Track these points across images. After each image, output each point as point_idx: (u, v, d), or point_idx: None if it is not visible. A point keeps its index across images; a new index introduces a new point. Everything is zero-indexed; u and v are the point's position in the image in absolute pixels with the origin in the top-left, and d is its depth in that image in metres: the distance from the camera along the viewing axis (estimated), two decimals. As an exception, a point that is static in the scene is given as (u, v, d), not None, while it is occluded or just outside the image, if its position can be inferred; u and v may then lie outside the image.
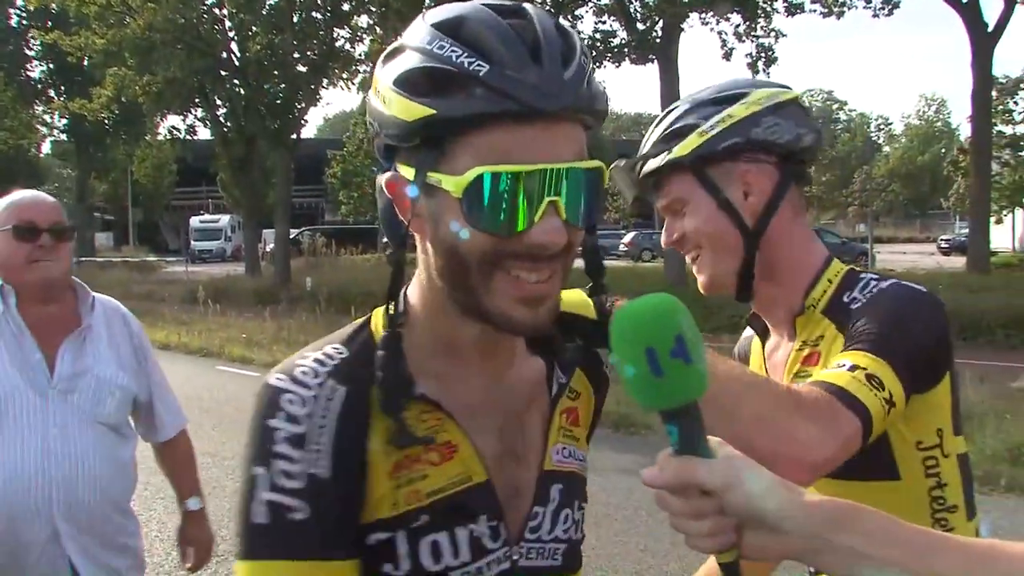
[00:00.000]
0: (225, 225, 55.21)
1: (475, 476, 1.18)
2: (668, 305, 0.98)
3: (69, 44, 29.89)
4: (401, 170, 1.12)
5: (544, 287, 1.09)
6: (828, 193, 67.32)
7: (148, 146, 53.33)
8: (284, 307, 22.19)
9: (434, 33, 1.07)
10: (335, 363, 1.16)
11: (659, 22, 22.71)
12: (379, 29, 26.17)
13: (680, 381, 0.97)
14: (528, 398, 1.27)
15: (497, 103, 1.02)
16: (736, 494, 0.98)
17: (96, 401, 2.73)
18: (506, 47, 1.04)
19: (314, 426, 1.10)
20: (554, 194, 1.05)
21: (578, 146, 1.08)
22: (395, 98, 1.07)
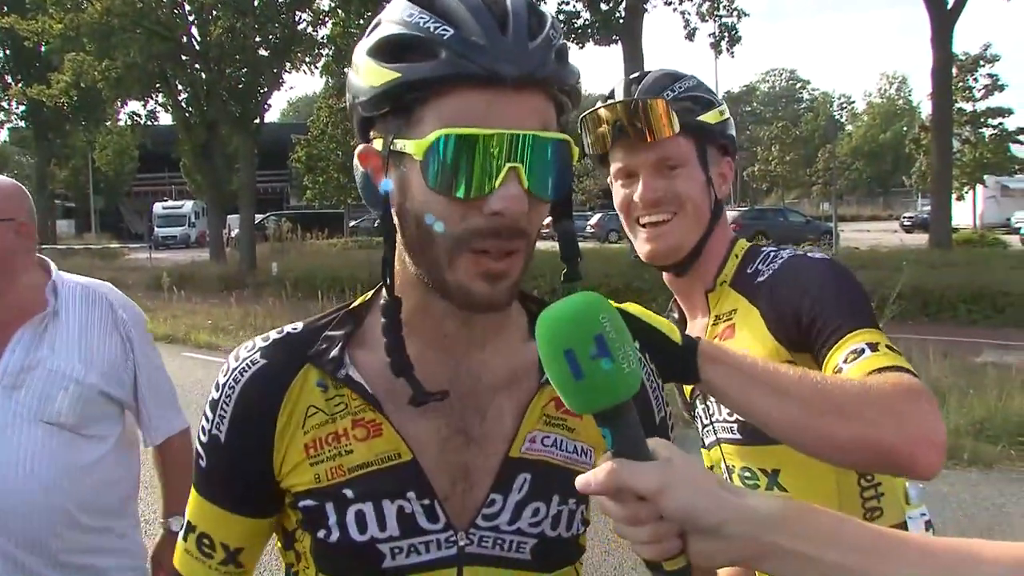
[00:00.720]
0: (189, 211, 54.74)
1: (403, 454, 1.19)
2: (588, 305, 0.96)
3: (26, 28, 29.35)
4: (375, 142, 1.15)
5: (504, 264, 1.10)
6: (792, 172, 67.67)
7: (109, 132, 52.65)
8: (250, 293, 22.08)
9: (408, 5, 1.10)
10: (278, 338, 1.25)
11: (622, 2, 22.69)
12: (341, 12, 25.94)
13: (603, 383, 0.94)
14: (504, 382, 1.24)
15: (459, 66, 1.04)
16: (671, 498, 0.94)
17: (44, 397, 2.39)
18: (474, 16, 1.06)
19: (223, 395, 1.22)
20: (516, 160, 1.05)
21: (544, 117, 1.09)
22: (366, 66, 1.11)
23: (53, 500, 2.35)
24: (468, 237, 1.08)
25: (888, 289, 12.27)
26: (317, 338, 1.24)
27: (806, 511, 0.97)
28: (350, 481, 1.17)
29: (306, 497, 1.19)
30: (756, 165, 71.71)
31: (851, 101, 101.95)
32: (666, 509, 0.95)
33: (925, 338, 11.59)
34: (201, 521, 1.27)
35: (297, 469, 1.20)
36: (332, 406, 1.20)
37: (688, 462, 0.98)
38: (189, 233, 53.39)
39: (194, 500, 1.28)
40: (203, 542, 1.27)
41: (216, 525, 1.26)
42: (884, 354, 1.54)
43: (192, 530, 1.28)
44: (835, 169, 41.24)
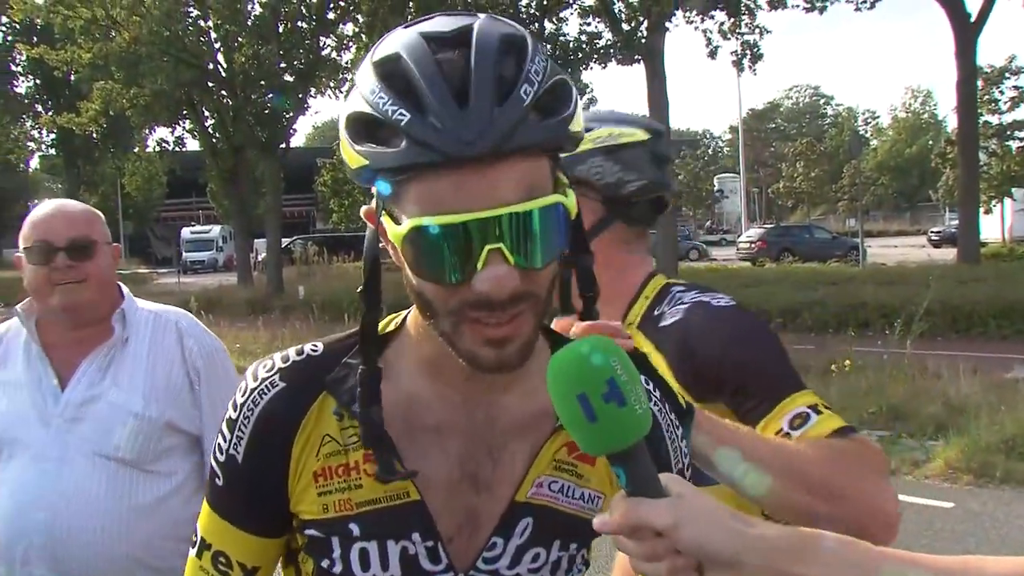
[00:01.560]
0: (216, 235, 55.06)
1: (411, 494, 1.19)
2: (599, 349, 0.97)
3: (55, 58, 29.81)
4: (372, 206, 1.13)
5: (507, 329, 1.05)
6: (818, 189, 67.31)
7: (137, 159, 53.19)
8: (277, 316, 22.13)
9: (372, 76, 1.05)
10: (298, 360, 1.23)
11: (644, 22, 22.72)
12: (364, 37, 26.14)
13: (616, 425, 0.96)
14: (520, 427, 1.23)
15: (418, 154, 0.99)
16: (686, 533, 0.97)
17: (103, 431, 2.32)
18: (431, 90, 1.00)
19: (242, 416, 1.21)
20: (494, 242, 1.00)
21: (525, 184, 1.02)
22: (344, 141, 1.08)
23: (112, 538, 2.28)
24: (463, 310, 1.05)
25: (916, 305, 12.18)
26: (336, 364, 1.21)
27: (819, 539, 1.00)
28: (357, 516, 1.17)
29: (312, 526, 1.19)
30: (781, 182, 71.35)
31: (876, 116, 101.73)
32: (681, 543, 0.97)
33: (954, 354, 11.51)
34: (216, 539, 1.26)
35: (306, 496, 1.20)
36: (346, 437, 1.19)
37: (700, 497, 1.01)
38: (217, 257, 53.66)
39: (209, 517, 1.27)
40: (219, 560, 1.25)
41: (233, 544, 1.25)
42: (828, 416, 1.64)
43: (207, 548, 1.26)
44: (861, 185, 40.97)
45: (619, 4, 23.91)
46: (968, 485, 7.50)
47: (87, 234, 2.41)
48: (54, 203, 2.52)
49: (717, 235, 63.91)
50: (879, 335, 13.63)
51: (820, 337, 14.98)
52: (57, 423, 2.32)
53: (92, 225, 2.46)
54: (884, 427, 9.11)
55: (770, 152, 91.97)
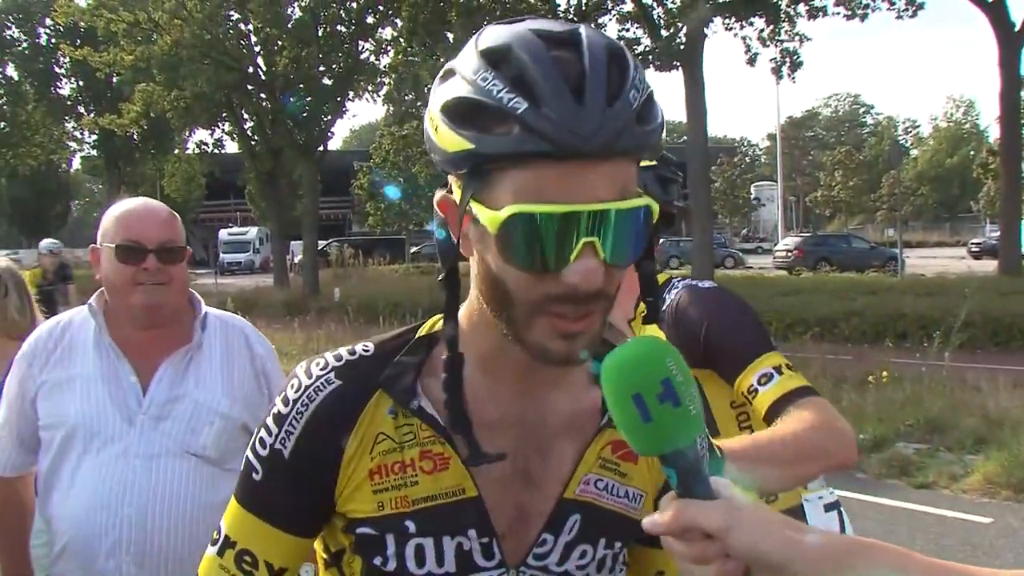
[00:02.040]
0: (253, 237, 55.53)
1: (468, 491, 1.19)
2: (654, 350, 0.98)
3: (98, 61, 30.20)
4: (454, 190, 1.13)
5: (582, 324, 1.08)
6: (856, 198, 66.80)
7: (177, 160, 53.76)
8: (313, 318, 22.25)
9: (480, 63, 1.06)
10: (351, 359, 1.23)
11: (683, 28, 22.65)
12: (403, 41, 26.25)
13: (671, 425, 0.96)
14: (567, 424, 1.24)
15: (532, 143, 1.00)
16: (738, 536, 0.96)
17: (190, 430, 2.38)
18: (548, 83, 1.01)
19: (293, 410, 1.21)
20: (590, 235, 1.02)
21: (620, 185, 1.04)
22: (441, 126, 1.08)
23: (196, 533, 2.30)
24: (544, 302, 1.06)
25: (955, 317, 12.04)
26: (389, 363, 1.22)
27: (870, 547, 0.98)
28: (414, 513, 1.18)
29: (365, 524, 1.19)
30: (819, 191, 70.88)
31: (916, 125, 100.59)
32: (732, 547, 0.96)
33: (994, 367, 11.34)
34: (243, 537, 1.24)
35: (359, 495, 1.19)
36: (401, 435, 1.20)
37: (753, 501, 1.00)
38: (254, 259, 54.11)
39: (237, 514, 1.25)
40: (244, 559, 1.23)
41: (261, 542, 1.23)
42: (788, 376, 2.02)
43: (231, 546, 1.24)
44: (900, 194, 40.60)
45: (658, 10, 23.87)
46: (1007, 500, 7.38)
47: (174, 238, 2.45)
48: (140, 202, 2.55)
49: (753, 243, 63.39)
50: (917, 347, 13.48)
51: (857, 348, 14.84)
52: (142, 420, 2.36)
53: (177, 228, 2.50)
54: (921, 440, 9.01)
55: (808, 160, 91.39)
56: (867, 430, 9.01)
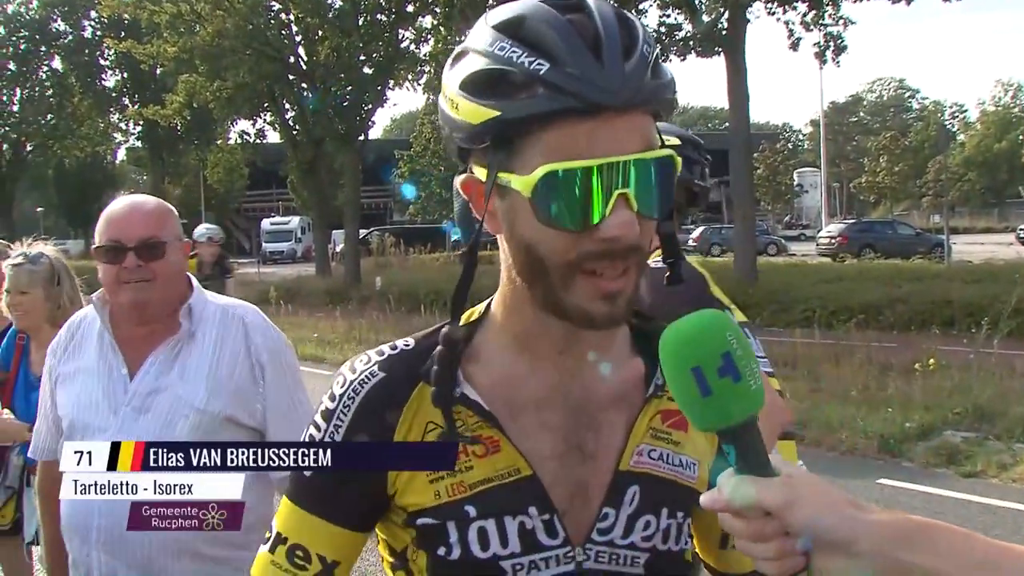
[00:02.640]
0: (295, 227, 55.95)
1: (523, 470, 1.19)
2: (714, 322, 0.97)
3: (142, 53, 30.58)
4: (475, 171, 1.15)
5: (620, 283, 1.09)
6: (901, 184, 65.96)
7: (219, 151, 54.30)
8: (354, 306, 22.43)
9: (495, 35, 1.09)
10: (393, 353, 1.24)
11: (724, 13, 22.43)
12: (443, 29, 26.26)
13: (730, 400, 0.95)
14: (614, 396, 1.24)
15: (559, 101, 1.03)
16: (798, 514, 0.94)
17: (167, 423, 2.37)
18: (566, 44, 1.04)
19: (341, 405, 1.22)
20: (623, 186, 1.05)
21: (645, 137, 1.08)
22: (461, 101, 1.10)
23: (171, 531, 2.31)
24: (581, 261, 1.07)
25: (1004, 303, 11.85)
26: (428, 356, 1.22)
27: (933, 527, 0.96)
28: (472, 497, 1.17)
29: (425, 515, 1.18)
30: (863, 176, 70.07)
31: (963, 109, 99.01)
32: (792, 525, 0.95)
33: (1043, 355, 11.15)
34: (295, 533, 1.24)
35: (415, 487, 1.19)
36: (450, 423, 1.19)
37: (812, 478, 0.98)
38: (296, 248, 54.53)
39: (289, 511, 1.25)
40: (296, 554, 1.23)
41: (314, 537, 1.23)
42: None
43: (283, 542, 1.24)
44: (947, 180, 40.01)
45: (699, -5, 23.65)
46: (1058, 489, 7.25)
47: (156, 234, 2.45)
48: (128, 200, 2.57)
49: (796, 230, 62.84)
50: (965, 334, 13.30)
51: (903, 335, 14.65)
52: (124, 411, 2.38)
53: (163, 224, 2.49)
54: (970, 428, 8.89)
55: (852, 146, 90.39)
56: (914, 418, 8.92)
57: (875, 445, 8.46)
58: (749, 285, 19.81)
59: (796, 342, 12.96)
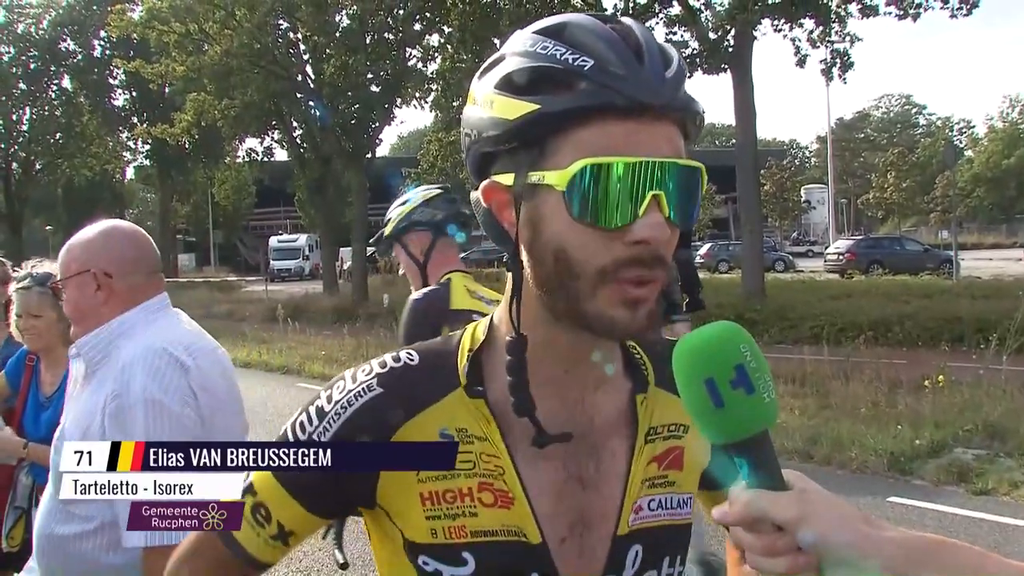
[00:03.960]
0: (303, 244, 56.06)
1: (530, 535, 1.16)
2: (728, 334, 0.96)
3: (151, 72, 30.72)
4: (499, 178, 1.13)
5: (645, 291, 1.07)
6: (909, 200, 65.83)
7: (227, 169, 54.45)
8: (362, 324, 22.41)
9: (537, 37, 1.10)
10: (394, 367, 1.21)
11: (731, 31, 22.46)
12: (450, 48, 26.33)
13: (743, 412, 0.94)
14: (613, 423, 1.23)
15: (602, 96, 1.03)
16: (810, 529, 0.93)
17: (55, 450, 2.43)
18: (609, 47, 1.06)
19: (333, 410, 1.19)
20: (658, 188, 1.04)
21: (677, 146, 1.08)
22: (497, 99, 1.09)
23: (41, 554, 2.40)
24: (613, 267, 1.06)
25: (1013, 320, 11.80)
26: (434, 373, 1.20)
27: (947, 546, 0.95)
28: (472, 545, 1.15)
29: (424, 552, 1.16)
30: (871, 193, 69.97)
31: (971, 125, 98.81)
32: (804, 540, 0.93)
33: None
34: (265, 495, 1.23)
35: (411, 518, 1.17)
36: (457, 461, 1.16)
37: (825, 493, 0.97)
38: (303, 266, 54.61)
39: (267, 474, 1.23)
40: (259, 511, 1.23)
41: (281, 507, 1.22)
42: None
43: (252, 493, 1.24)
44: (954, 196, 39.94)
45: (706, 13, 23.67)
46: (1070, 507, 7.20)
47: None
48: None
49: (804, 246, 62.80)
50: (974, 350, 13.23)
51: (912, 352, 14.61)
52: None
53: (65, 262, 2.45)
54: (980, 445, 8.83)
55: (859, 162, 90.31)
56: (924, 435, 8.86)
57: (885, 463, 8.40)
58: (757, 302, 19.77)
59: (805, 359, 12.91)
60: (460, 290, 3.30)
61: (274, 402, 13.27)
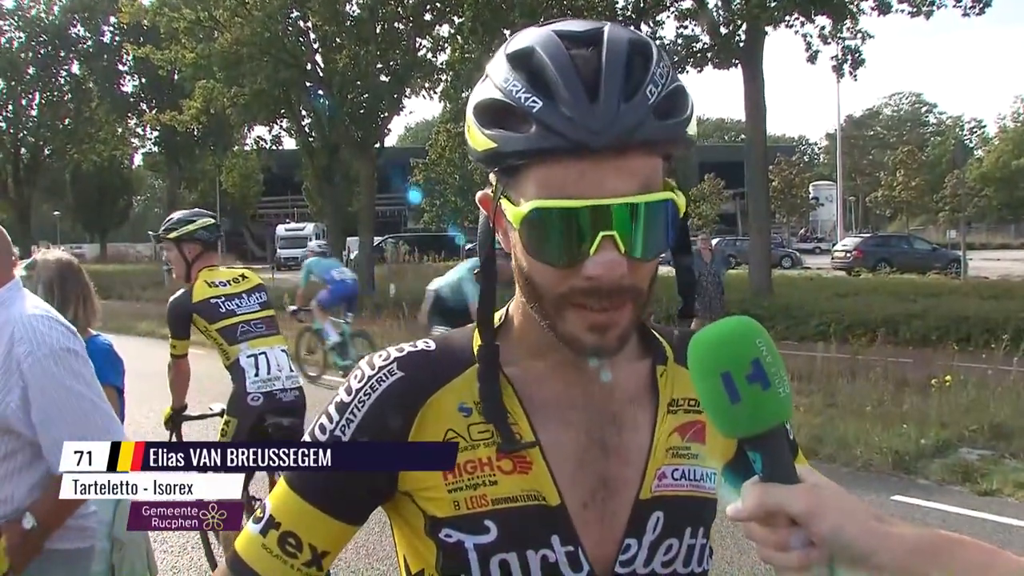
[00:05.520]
0: (310, 233, 56.11)
1: (549, 498, 1.18)
2: (744, 329, 0.97)
3: (160, 58, 30.68)
4: (488, 191, 1.20)
5: (609, 316, 1.11)
6: (917, 199, 65.67)
7: (235, 156, 54.45)
8: (368, 314, 22.41)
9: (506, 65, 1.13)
10: (412, 351, 1.25)
11: (742, 26, 22.39)
12: (460, 38, 26.29)
13: (759, 406, 0.95)
14: (632, 393, 1.26)
15: (548, 140, 1.05)
16: (822, 523, 0.94)
17: None
18: (564, 81, 1.07)
19: (356, 400, 1.22)
20: (609, 229, 1.06)
21: (644, 176, 1.08)
22: (471, 126, 1.15)
23: None
24: (570, 295, 1.10)
25: (1021, 320, 11.78)
26: (453, 358, 1.24)
27: (956, 542, 0.95)
28: (493, 513, 1.17)
29: (446, 525, 1.18)
30: (879, 191, 69.83)
31: (982, 125, 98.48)
32: (816, 534, 0.95)
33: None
34: (289, 519, 1.23)
35: (433, 493, 1.19)
36: (475, 432, 1.20)
37: (837, 489, 0.98)
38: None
39: (286, 496, 1.24)
40: (288, 541, 1.22)
41: (310, 527, 1.22)
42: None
43: (275, 527, 1.23)
44: (964, 195, 39.83)
45: (717, 7, 23.59)
46: (1076, 509, 7.18)
47: None
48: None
49: (811, 243, 62.68)
50: (982, 350, 13.20)
51: (919, 351, 14.59)
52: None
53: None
54: (986, 446, 8.83)
55: (868, 160, 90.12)
56: (929, 435, 8.86)
57: (890, 461, 8.40)
58: (764, 298, 19.76)
59: (811, 356, 12.90)
60: (201, 287, 5.15)
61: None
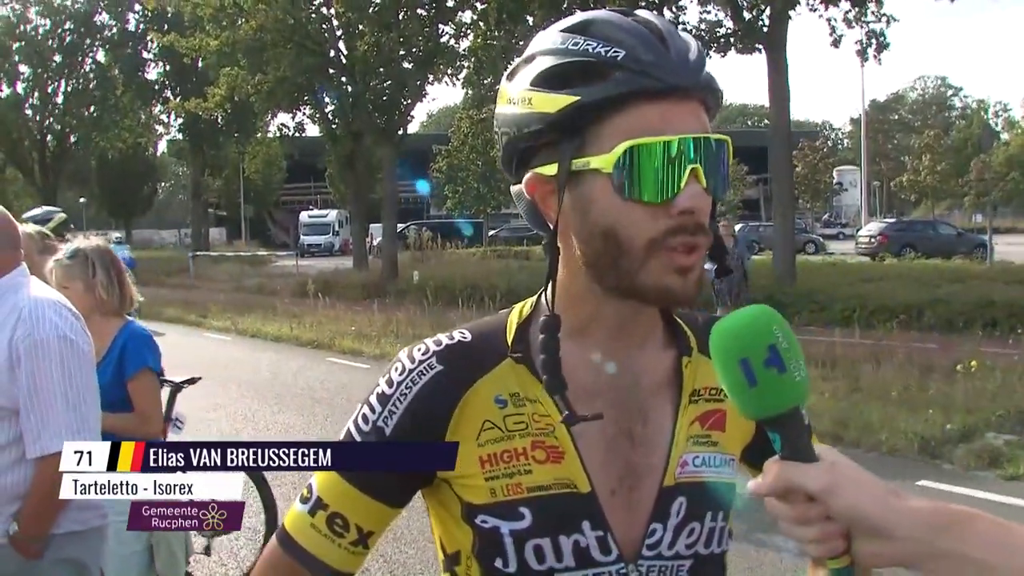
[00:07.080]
0: (333, 220, 56.33)
1: (580, 486, 1.23)
2: (762, 317, 1.03)
3: (185, 46, 30.82)
4: (540, 170, 1.21)
5: (692, 259, 1.16)
6: (943, 183, 65.12)
7: (259, 143, 54.58)
8: (391, 300, 22.52)
9: (565, 35, 1.18)
10: (449, 344, 1.28)
11: (766, 10, 22.22)
12: (483, 25, 26.25)
13: (776, 390, 1.01)
14: (658, 384, 1.30)
15: (637, 82, 1.12)
16: (839, 499, 0.99)
17: None
18: (636, 37, 1.15)
19: (398, 392, 1.26)
20: (696, 162, 1.13)
21: (703, 122, 1.17)
22: (535, 96, 1.18)
23: None
24: (661, 238, 1.14)
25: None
26: (487, 348, 1.28)
27: (973, 516, 0.99)
28: (528, 501, 1.21)
29: (482, 512, 1.22)
30: (904, 175, 69.27)
31: (1007, 108, 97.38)
32: (833, 509, 0.99)
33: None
34: (336, 502, 1.28)
35: (471, 482, 1.23)
36: (510, 423, 1.23)
37: (853, 465, 1.03)
38: (333, 241, 54.89)
39: (332, 481, 1.28)
40: (335, 522, 1.28)
41: (356, 509, 1.27)
42: None
43: (323, 507, 1.28)
44: (990, 179, 39.46)
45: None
46: (1102, 495, 7.15)
47: None
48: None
49: (835, 228, 62.25)
50: (1008, 335, 13.12)
51: (944, 336, 14.51)
52: None
53: None
54: (1012, 431, 8.78)
55: (893, 144, 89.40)
56: (955, 420, 8.83)
57: (915, 447, 8.37)
58: (787, 284, 19.68)
59: (835, 342, 12.86)
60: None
61: (304, 376, 13.40)
